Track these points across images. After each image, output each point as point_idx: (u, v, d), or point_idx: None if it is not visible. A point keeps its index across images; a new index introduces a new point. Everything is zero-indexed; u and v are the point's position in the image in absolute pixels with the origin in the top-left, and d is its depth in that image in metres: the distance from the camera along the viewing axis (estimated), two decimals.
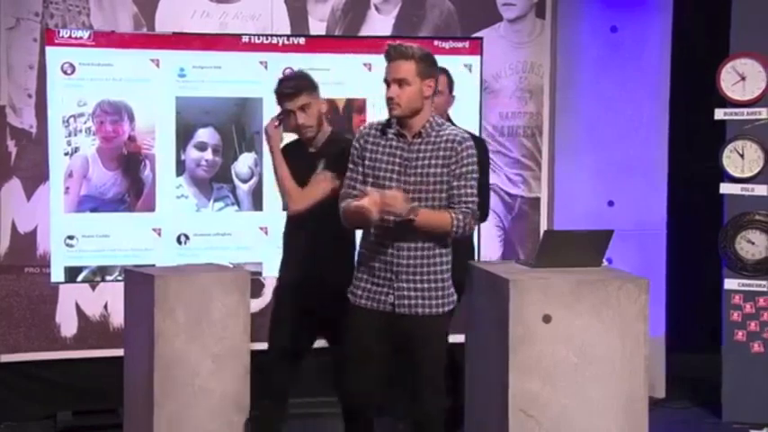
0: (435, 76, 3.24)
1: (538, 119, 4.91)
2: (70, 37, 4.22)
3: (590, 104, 4.91)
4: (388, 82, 3.17)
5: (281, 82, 3.61)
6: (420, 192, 3.19)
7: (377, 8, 4.72)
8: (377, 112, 4.51)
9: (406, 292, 3.23)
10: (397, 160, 3.22)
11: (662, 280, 4.85)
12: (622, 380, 3.35)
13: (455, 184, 3.20)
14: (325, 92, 4.49)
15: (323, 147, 3.58)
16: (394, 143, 3.23)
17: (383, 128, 3.27)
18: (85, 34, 4.23)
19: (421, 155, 3.20)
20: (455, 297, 3.32)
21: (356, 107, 4.56)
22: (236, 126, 4.45)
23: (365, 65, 4.53)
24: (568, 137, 4.92)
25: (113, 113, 4.33)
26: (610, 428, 3.35)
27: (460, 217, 3.19)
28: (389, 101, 3.16)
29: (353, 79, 4.52)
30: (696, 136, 5.08)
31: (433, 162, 3.20)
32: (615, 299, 3.37)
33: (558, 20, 4.89)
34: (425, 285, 3.24)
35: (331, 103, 4.51)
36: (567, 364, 3.32)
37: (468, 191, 3.21)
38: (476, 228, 3.29)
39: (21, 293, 4.37)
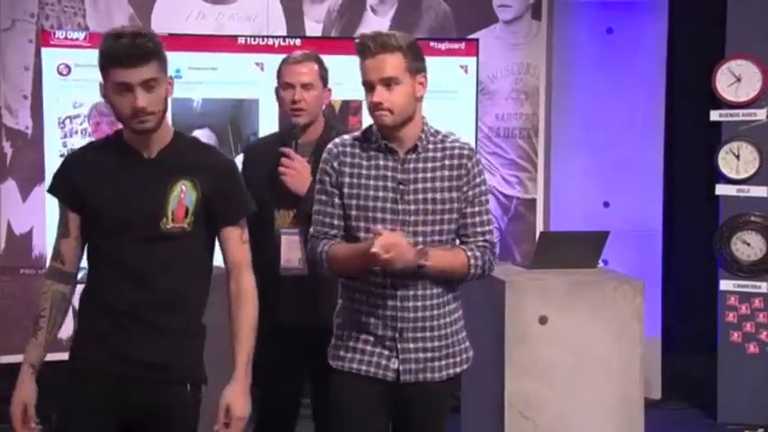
0: (426, 71, 2.53)
1: (534, 120, 4.91)
2: (66, 38, 4.20)
3: (586, 106, 4.91)
4: (369, 84, 2.48)
5: (116, 38, 2.26)
6: (425, 224, 2.48)
7: (373, 9, 4.71)
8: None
9: (412, 355, 2.50)
10: (390, 184, 2.49)
11: (658, 281, 4.86)
12: (618, 381, 3.36)
13: (468, 211, 2.52)
14: None
15: (168, 152, 2.32)
16: (381, 161, 2.51)
17: (362, 143, 2.55)
18: (81, 35, 4.21)
19: (420, 175, 2.50)
20: (470, 353, 2.62)
21: (352, 109, 4.55)
22: (231, 127, 4.44)
23: None
24: (564, 138, 4.93)
25: (109, 115, 4.31)
26: (606, 429, 3.35)
27: (478, 254, 2.52)
28: (376, 107, 2.46)
29: (350, 80, 4.47)
30: (691, 137, 5.09)
31: (438, 185, 2.50)
32: (611, 300, 3.38)
33: (554, 21, 4.90)
34: (435, 344, 2.52)
35: (328, 104, 4.50)
36: (563, 364, 3.33)
37: (484, 218, 2.55)
38: (495, 265, 2.62)
39: (16, 295, 4.36)
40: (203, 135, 4.41)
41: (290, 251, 2.99)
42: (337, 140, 2.61)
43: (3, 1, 4.22)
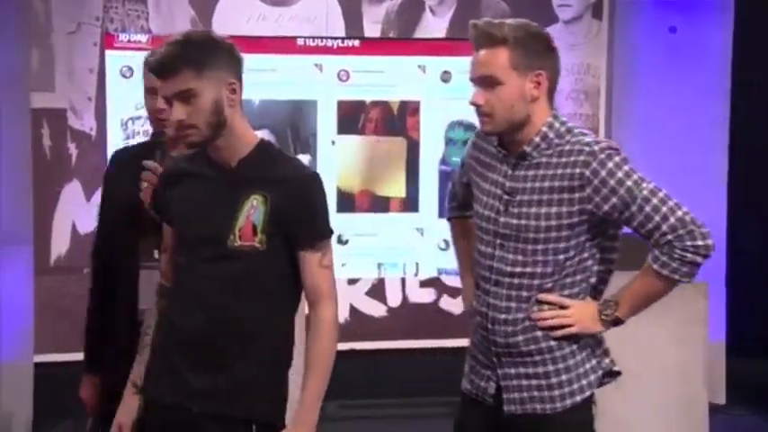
0: (549, 67, 2.13)
1: (593, 121, 4.85)
2: (129, 41, 4.27)
3: (647, 107, 4.83)
4: (472, 81, 2.13)
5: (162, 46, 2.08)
6: (526, 241, 2.10)
7: (431, 10, 4.70)
8: (429, 116, 4.50)
9: (514, 382, 2.16)
10: (498, 192, 2.14)
11: (722, 284, 4.76)
12: (681, 385, 3.30)
13: (622, 218, 2.08)
14: (380, 94, 4.54)
15: (246, 163, 2.10)
16: (498, 165, 2.17)
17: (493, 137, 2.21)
18: (144, 38, 4.28)
19: (529, 185, 2.10)
20: (592, 377, 2.21)
21: (410, 109, 4.55)
22: (291, 128, 4.47)
23: (419, 67, 4.52)
24: (624, 140, 4.84)
25: None
26: None
27: (664, 259, 2.08)
28: (476, 111, 2.12)
29: (407, 81, 4.51)
30: (758, 138, 4.98)
31: (546, 197, 2.08)
32: (674, 303, 3.31)
33: (615, 20, 4.83)
34: (540, 370, 2.14)
35: (385, 105, 4.51)
36: (624, 368, 3.28)
37: (647, 210, 2.06)
38: (711, 249, 2.12)
39: (80, 294, 4.43)
40: (263, 136, 4.46)
41: (150, 290, 2.34)
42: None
43: (69, 5, 4.32)
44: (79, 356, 4.74)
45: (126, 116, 4.33)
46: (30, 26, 4.24)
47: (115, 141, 4.32)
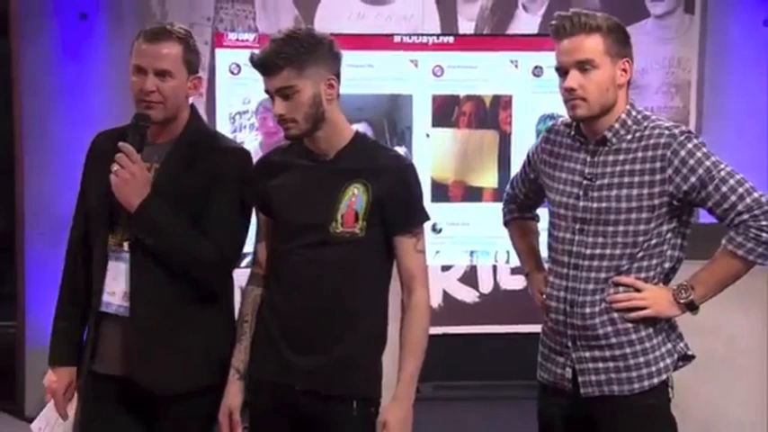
0: (631, 56, 2.23)
1: (684, 113, 4.87)
2: (237, 40, 4.47)
3: (739, 101, 4.80)
4: (563, 68, 2.20)
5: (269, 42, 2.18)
6: (606, 224, 2.16)
7: (524, 7, 4.80)
8: (521, 110, 4.59)
9: (590, 365, 2.20)
10: (577, 178, 2.22)
11: None
12: None
13: (698, 198, 2.14)
14: (473, 88, 4.64)
15: (344, 154, 2.25)
16: (575, 153, 2.25)
17: (567, 129, 2.30)
18: (251, 37, 4.46)
19: (609, 169, 2.18)
20: (668, 360, 2.23)
21: (502, 103, 4.65)
22: (387, 121, 4.61)
23: (511, 62, 4.60)
24: (715, 133, 4.83)
25: None
26: (754, 422, 3.33)
27: (739, 239, 2.13)
28: (569, 94, 2.16)
29: (500, 76, 4.61)
30: None
31: (627, 180, 2.16)
32: (760, 289, 3.34)
33: (708, 14, 4.83)
34: (617, 353, 2.18)
35: (478, 99, 4.62)
36: (712, 355, 3.30)
37: (723, 190, 2.12)
38: None
39: None
40: (361, 129, 4.61)
41: (115, 282, 2.28)
42: (551, 124, 2.37)
43: (183, 6, 4.56)
44: None
45: (234, 111, 4.54)
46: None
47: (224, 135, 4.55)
